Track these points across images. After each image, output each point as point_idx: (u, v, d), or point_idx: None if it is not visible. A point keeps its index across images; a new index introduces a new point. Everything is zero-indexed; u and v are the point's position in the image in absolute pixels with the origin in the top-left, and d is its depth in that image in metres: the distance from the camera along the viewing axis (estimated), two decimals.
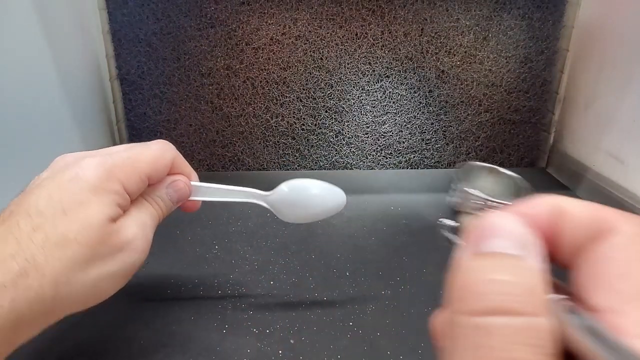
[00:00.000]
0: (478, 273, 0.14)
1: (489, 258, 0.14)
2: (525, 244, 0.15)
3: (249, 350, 0.35)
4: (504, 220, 0.16)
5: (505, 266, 0.14)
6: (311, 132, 0.70)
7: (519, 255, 0.14)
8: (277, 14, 0.64)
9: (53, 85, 0.53)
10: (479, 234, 0.15)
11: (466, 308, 0.14)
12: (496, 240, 0.15)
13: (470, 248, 0.15)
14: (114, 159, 0.29)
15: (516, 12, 0.65)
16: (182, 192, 0.34)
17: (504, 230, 0.15)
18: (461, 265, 0.15)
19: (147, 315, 0.39)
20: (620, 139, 0.57)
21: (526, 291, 0.13)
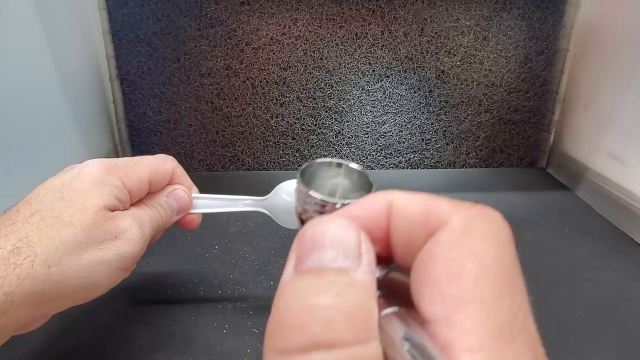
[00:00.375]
0: (297, 298, 0.12)
1: (310, 276, 0.12)
2: (355, 252, 0.13)
3: (249, 350, 0.35)
4: (331, 227, 0.13)
5: (329, 286, 0.12)
6: (311, 132, 0.70)
7: (345, 269, 0.12)
8: (277, 14, 0.64)
9: (53, 85, 0.53)
10: (302, 244, 0.13)
11: (279, 346, 0.11)
12: (321, 252, 0.13)
13: (293, 263, 0.13)
14: (115, 161, 0.30)
15: (516, 12, 0.65)
16: (181, 201, 0.34)
17: (330, 239, 0.13)
18: (281, 288, 0.13)
19: (147, 315, 0.39)
20: (620, 139, 0.57)
21: (352, 315, 0.11)
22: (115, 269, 0.28)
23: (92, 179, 0.28)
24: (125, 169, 0.30)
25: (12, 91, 0.45)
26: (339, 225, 0.14)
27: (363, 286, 0.12)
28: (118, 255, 0.28)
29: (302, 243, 0.13)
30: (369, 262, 0.13)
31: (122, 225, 0.28)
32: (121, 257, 0.28)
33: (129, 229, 0.29)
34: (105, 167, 0.29)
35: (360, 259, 0.13)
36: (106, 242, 0.27)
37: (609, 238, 0.52)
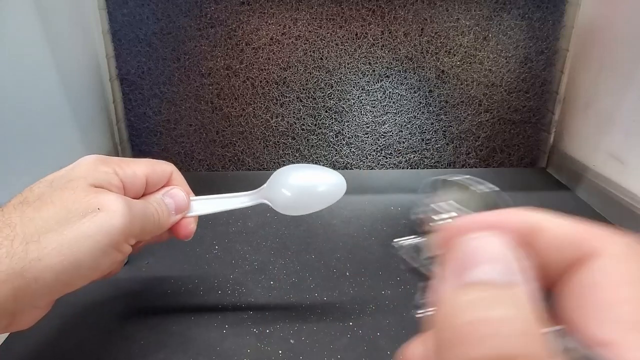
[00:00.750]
0: (468, 311, 0.12)
1: (476, 290, 0.12)
2: (514, 267, 0.13)
3: (249, 350, 0.35)
4: (487, 241, 0.14)
5: (499, 300, 0.12)
6: (311, 132, 0.70)
7: (512, 284, 0.13)
8: (277, 14, 0.64)
9: (53, 85, 0.53)
10: (461, 257, 0.14)
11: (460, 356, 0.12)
12: (483, 267, 0.13)
13: (451, 278, 0.13)
14: (111, 157, 0.30)
15: (516, 12, 0.65)
16: (179, 199, 0.33)
17: (488, 253, 0.13)
18: (445, 300, 0.13)
19: (147, 315, 0.39)
20: (620, 139, 0.57)
21: (528, 330, 0.12)
22: (99, 244, 0.26)
23: (84, 170, 0.28)
24: (120, 162, 0.30)
25: (12, 91, 0.45)
26: (496, 240, 0.14)
27: (527, 301, 0.12)
28: (101, 228, 0.26)
29: (461, 255, 0.14)
30: (531, 278, 0.13)
31: (105, 198, 0.27)
32: (105, 231, 0.26)
33: (113, 201, 0.27)
34: (100, 158, 0.30)
35: (521, 275, 0.13)
36: (88, 215, 0.26)
37: None
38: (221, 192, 0.37)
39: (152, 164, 0.32)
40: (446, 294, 0.13)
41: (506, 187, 0.68)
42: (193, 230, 0.35)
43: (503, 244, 0.14)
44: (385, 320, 0.38)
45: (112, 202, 0.27)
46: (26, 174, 0.46)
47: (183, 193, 0.34)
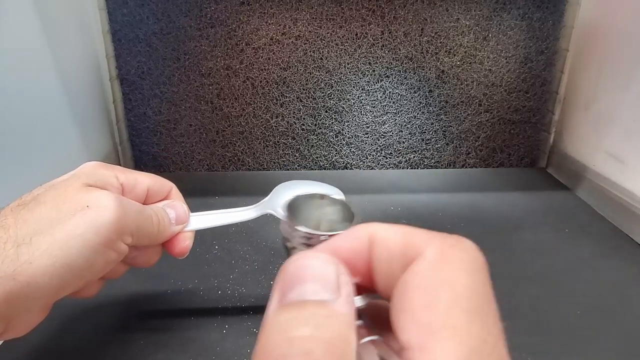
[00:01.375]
0: (279, 331, 0.12)
1: (293, 309, 0.13)
2: (334, 284, 0.14)
3: (249, 350, 0.35)
4: (311, 261, 0.14)
5: (309, 318, 0.13)
6: (311, 132, 0.70)
7: (325, 301, 0.13)
8: (277, 14, 0.64)
9: (53, 85, 0.53)
10: (285, 279, 0.14)
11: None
12: (303, 286, 0.14)
13: (275, 298, 0.14)
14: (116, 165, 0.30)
15: (516, 12, 0.65)
16: (180, 211, 0.33)
17: (311, 273, 0.14)
18: (266, 321, 0.13)
19: (147, 315, 0.39)
20: (620, 139, 0.57)
21: (331, 345, 0.12)
22: (89, 242, 0.25)
23: (82, 170, 0.28)
24: (123, 169, 0.30)
25: (12, 91, 0.45)
26: (319, 259, 0.14)
27: (341, 317, 0.13)
28: (91, 226, 0.25)
29: (285, 277, 0.14)
30: (348, 293, 0.14)
31: (95, 195, 0.26)
32: (95, 228, 0.25)
33: (103, 197, 0.26)
34: (101, 163, 0.30)
35: (339, 291, 0.13)
36: (78, 213, 0.25)
37: (609, 238, 0.52)
38: (221, 193, 0.37)
39: (154, 177, 0.33)
40: (267, 314, 0.14)
41: (506, 187, 0.68)
42: (189, 246, 0.34)
43: (325, 261, 0.14)
44: None
45: (101, 198, 0.26)
46: (26, 174, 0.46)
47: (184, 206, 0.34)
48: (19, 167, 0.45)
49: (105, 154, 0.65)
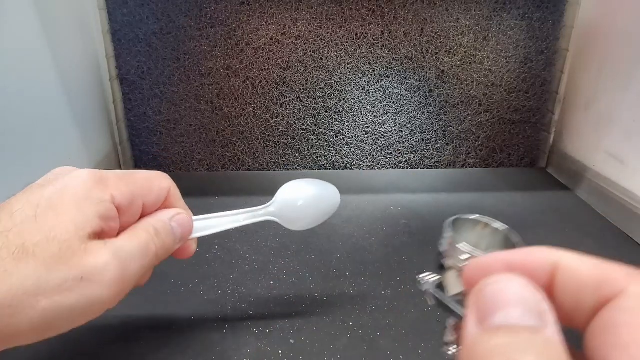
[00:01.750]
0: (498, 356, 0.12)
1: (504, 334, 0.12)
2: (539, 310, 0.13)
3: (249, 350, 0.35)
4: (512, 285, 0.14)
5: (527, 343, 0.12)
6: (311, 132, 0.70)
7: (535, 326, 0.12)
8: (277, 14, 0.64)
9: (53, 85, 0.53)
10: (484, 301, 0.13)
11: None
12: (507, 310, 0.13)
13: (476, 320, 0.13)
14: (107, 172, 0.26)
15: (516, 12, 0.65)
16: (186, 226, 0.30)
17: (512, 296, 0.13)
18: (471, 343, 0.13)
19: (147, 315, 0.39)
20: (620, 139, 0.57)
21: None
22: (78, 315, 0.23)
23: (74, 195, 0.24)
24: (117, 181, 0.26)
25: (12, 91, 0.45)
26: (518, 283, 0.14)
27: (557, 344, 0.12)
28: (84, 302, 0.22)
29: (484, 299, 0.13)
30: (554, 320, 0.13)
31: (93, 263, 0.23)
32: (87, 304, 0.22)
33: (103, 269, 0.23)
34: (94, 178, 0.25)
35: (545, 317, 0.13)
36: (70, 282, 0.22)
37: (609, 238, 0.52)
38: (221, 193, 0.37)
39: (150, 181, 0.28)
40: (470, 337, 0.13)
41: (506, 187, 0.68)
42: (194, 251, 0.32)
43: (525, 286, 0.14)
44: (385, 320, 0.38)
45: (101, 269, 0.23)
46: (26, 173, 0.46)
47: (189, 219, 0.31)
48: (19, 167, 0.45)
49: (105, 154, 0.65)
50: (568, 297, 0.15)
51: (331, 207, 0.37)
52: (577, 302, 0.14)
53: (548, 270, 0.15)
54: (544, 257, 0.15)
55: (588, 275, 0.14)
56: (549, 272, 0.15)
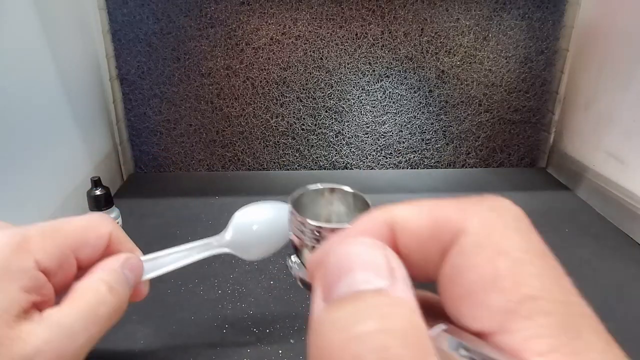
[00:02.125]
0: (340, 330, 0.10)
1: (348, 303, 0.11)
2: (386, 269, 0.12)
3: (249, 350, 0.35)
4: (354, 247, 0.12)
5: (371, 310, 0.11)
6: (311, 132, 0.70)
7: (383, 288, 0.11)
8: (277, 14, 0.64)
9: (53, 85, 0.53)
10: (328, 272, 0.12)
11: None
12: (352, 275, 0.12)
13: (321, 294, 0.12)
14: (28, 231, 0.23)
15: (516, 12, 0.65)
16: (138, 271, 0.26)
17: (357, 259, 0.12)
18: (316, 322, 0.11)
19: (147, 315, 0.39)
20: (620, 139, 0.57)
21: (405, 335, 0.10)
22: None
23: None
24: (41, 241, 0.22)
25: (13, 91, 0.45)
26: (363, 244, 0.13)
27: (406, 302, 0.11)
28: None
29: (327, 270, 0.12)
30: (403, 276, 0.12)
31: (23, 351, 0.19)
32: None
33: (36, 355, 0.20)
34: (12, 244, 0.21)
35: (394, 275, 0.12)
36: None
37: (609, 238, 0.52)
38: (221, 192, 0.37)
39: (84, 232, 0.25)
40: (316, 316, 0.12)
41: (506, 187, 0.68)
42: (146, 294, 0.28)
43: (370, 245, 0.13)
44: None
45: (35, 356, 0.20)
46: (27, 173, 0.46)
47: (139, 261, 0.27)
48: (20, 167, 0.45)
49: (105, 154, 0.65)
50: (412, 252, 0.13)
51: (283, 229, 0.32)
52: (422, 255, 0.13)
53: (387, 230, 0.14)
54: (381, 219, 0.14)
55: (424, 224, 0.13)
56: (389, 232, 0.14)
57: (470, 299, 0.12)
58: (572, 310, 0.11)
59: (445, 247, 0.13)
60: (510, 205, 0.13)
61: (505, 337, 0.11)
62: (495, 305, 0.11)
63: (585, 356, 0.11)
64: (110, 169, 0.67)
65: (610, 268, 0.46)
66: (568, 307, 0.11)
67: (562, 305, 0.11)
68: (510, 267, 0.12)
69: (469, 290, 0.12)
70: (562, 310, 0.11)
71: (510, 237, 0.12)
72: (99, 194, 0.45)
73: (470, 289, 0.12)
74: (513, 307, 0.11)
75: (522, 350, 0.11)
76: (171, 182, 0.67)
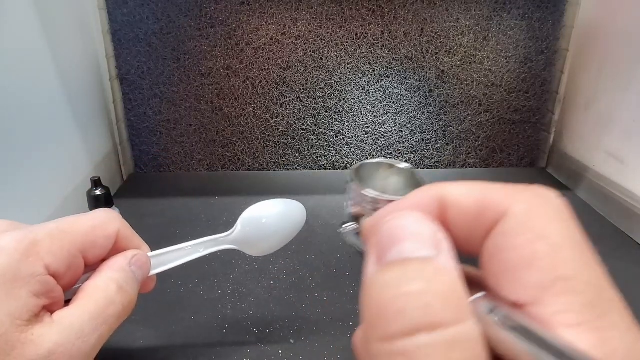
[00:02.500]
0: (389, 289, 0.12)
1: (397, 267, 0.13)
2: (433, 241, 0.13)
3: (249, 350, 0.35)
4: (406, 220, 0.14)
5: (417, 274, 0.12)
6: (311, 132, 0.70)
7: (430, 257, 0.13)
8: (277, 14, 0.64)
9: (53, 85, 0.53)
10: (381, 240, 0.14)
11: (382, 333, 0.12)
12: (402, 245, 0.13)
13: (374, 259, 0.14)
14: (36, 233, 0.23)
15: (516, 12, 0.65)
16: (146, 268, 0.27)
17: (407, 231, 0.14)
18: (369, 282, 0.13)
19: (147, 315, 0.39)
20: (620, 139, 0.57)
21: (446, 297, 0.12)
22: None
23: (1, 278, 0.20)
24: (49, 244, 0.22)
25: (13, 91, 0.45)
26: (413, 217, 0.14)
27: (449, 271, 0.13)
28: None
29: (380, 238, 0.14)
30: (448, 249, 0.13)
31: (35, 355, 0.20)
32: None
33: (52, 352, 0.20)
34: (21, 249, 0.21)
35: (440, 247, 0.13)
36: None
37: (609, 238, 0.52)
38: (221, 192, 0.37)
39: (92, 232, 0.25)
40: (369, 276, 0.13)
41: None
42: (152, 288, 0.29)
43: (419, 219, 0.14)
44: None
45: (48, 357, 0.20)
46: (27, 173, 0.46)
47: (147, 257, 0.27)
48: (19, 167, 0.45)
49: (105, 154, 0.65)
50: (459, 227, 0.15)
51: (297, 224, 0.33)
52: (468, 231, 0.15)
53: (437, 205, 0.15)
54: (433, 194, 0.15)
55: (472, 203, 0.15)
56: (439, 207, 0.15)
57: (509, 275, 0.13)
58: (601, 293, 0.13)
59: (490, 226, 0.14)
60: (555, 195, 0.15)
61: (537, 308, 0.12)
62: (532, 282, 0.13)
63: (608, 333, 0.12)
64: (110, 169, 0.67)
65: (610, 268, 0.46)
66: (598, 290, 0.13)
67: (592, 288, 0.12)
68: (548, 251, 0.13)
69: (508, 267, 0.13)
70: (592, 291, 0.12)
71: (551, 223, 0.13)
72: (99, 194, 0.45)
73: (509, 266, 0.13)
74: (547, 284, 0.12)
75: (552, 321, 0.12)
76: (171, 182, 0.67)
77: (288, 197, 0.35)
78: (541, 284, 0.12)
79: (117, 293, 0.24)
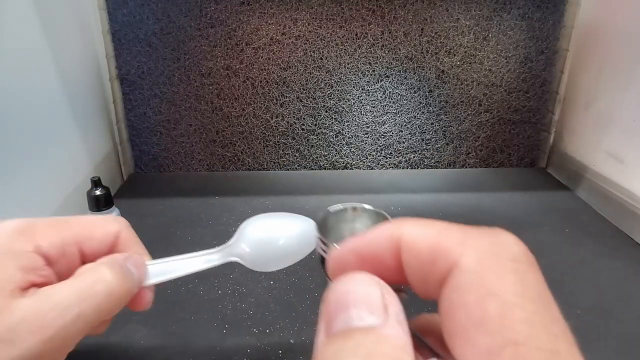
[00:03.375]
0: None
1: (339, 340, 0.12)
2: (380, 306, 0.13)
3: (249, 350, 0.35)
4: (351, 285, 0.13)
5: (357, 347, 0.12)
6: (311, 132, 0.70)
7: (373, 326, 0.12)
8: (277, 14, 0.64)
9: (53, 85, 0.53)
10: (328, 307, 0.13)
11: None
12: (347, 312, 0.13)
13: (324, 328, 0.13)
14: (37, 221, 0.24)
15: (516, 12, 0.65)
16: (141, 270, 0.27)
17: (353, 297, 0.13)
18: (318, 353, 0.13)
19: (147, 315, 0.39)
20: (620, 139, 0.57)
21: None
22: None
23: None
24: (45, 229, 0.23)
25: (13, 91, 0.45)
26: (360, 281, 0.14)
27: (392, 340, 0.12)
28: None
29: (328, 306, 0.13)
30: (396, 313, 0.13)
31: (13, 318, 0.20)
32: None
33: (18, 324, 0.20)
34: (18, 229, 0.23)
35: (387, 311, 0.13)
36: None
37: (609, 238, 0.52)
38: (221, 192, 0.37)
39: (91, 226, 0.25)
40: (318, 347, 0.13)
41: (506, 187, 0.68)
42: (150, 301, 0.28)
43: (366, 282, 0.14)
44: None
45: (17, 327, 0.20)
46: (27, 173, 0.46)
47: (142, 260, 0.27)
48: (20, 166, 0.45)
49: (105, 154, 0.65)
50: (414, 271, 0.14)
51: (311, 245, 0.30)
52: (424, 276, 0.14)
53: (394, 248, 0.14)
54: (389, 235, 0.15)
55: (425, 248, 0.14)
56: (395, 250, 0.14)
57: (460, 336, 0.12)
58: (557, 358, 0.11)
59: (443, 276, 0.13)
60: (514, 242, 0.13)
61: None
62: (481, 346, 0.12)
63: None
64: (110, 169, 0.67)
65: (610, 268, 0.46)
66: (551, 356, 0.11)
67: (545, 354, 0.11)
68: (499, 310, 0.12)
69: (459, 327, 0.12)
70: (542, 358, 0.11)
71: (504, 277, 0.12)
72: (99, 194, 0.45)
73: (460, 325, 0.12)
74: (496, 350, 0.11)
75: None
76: (171, 182, 0.67)
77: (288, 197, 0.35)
78: (490, 349, 0.11)
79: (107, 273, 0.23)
